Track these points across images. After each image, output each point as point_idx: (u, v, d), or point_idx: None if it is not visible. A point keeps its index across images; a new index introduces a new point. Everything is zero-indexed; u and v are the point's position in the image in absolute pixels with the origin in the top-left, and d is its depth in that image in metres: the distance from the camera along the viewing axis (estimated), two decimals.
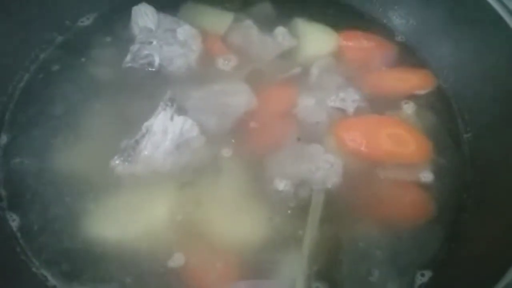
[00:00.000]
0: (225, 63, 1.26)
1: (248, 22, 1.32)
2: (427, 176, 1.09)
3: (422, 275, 0.96)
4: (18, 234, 0.96)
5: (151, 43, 1.25)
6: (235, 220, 1.00)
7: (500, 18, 1.09)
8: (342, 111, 1.17)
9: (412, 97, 1.20)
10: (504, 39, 1.08)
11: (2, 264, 0.88)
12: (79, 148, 1.08)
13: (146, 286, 0.92)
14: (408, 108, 1.18)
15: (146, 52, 1.24)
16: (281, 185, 1.04)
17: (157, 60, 1.23)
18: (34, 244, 0.95)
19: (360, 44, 1.32)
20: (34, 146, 1.08)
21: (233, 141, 1.10)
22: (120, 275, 0.92)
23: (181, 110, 1.11)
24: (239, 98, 1.18)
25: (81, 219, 0.98)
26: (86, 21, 1.33)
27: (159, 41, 1.25)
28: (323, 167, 1.06)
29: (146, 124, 1.08)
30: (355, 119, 1.15)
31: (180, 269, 0.94)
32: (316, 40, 1.32)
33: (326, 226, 1.00)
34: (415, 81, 1.25)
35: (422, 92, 1.23)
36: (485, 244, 0.95)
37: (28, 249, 0.94)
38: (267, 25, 1.32)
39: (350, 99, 1.18)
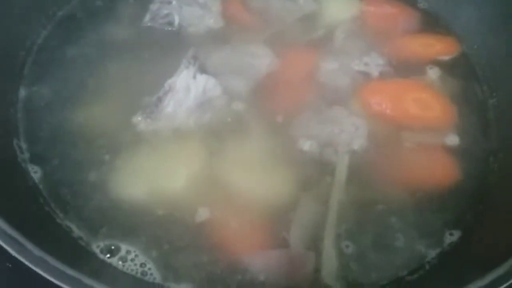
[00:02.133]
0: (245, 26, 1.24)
1: None
2: (452, 140, 1.07)
3: (451, 234, 0.94)
4: (41, 186, 0.94)
5: (170, 2, 1.24)
6: (261, 179, 0.98)
7: None
8: (366, 75, 1.15)
9: (436, 62, 1.18)
10: None
11: (26, 216, 0.85)
12: (100, 104, 1.06)
13: (173, 239, 0.90)
14: (433, 73, 1.16)
15: (165, 11, 1.22)
16: (306, 145, 1.03)
17: (177, 20, 1.21)
18: (57, 196, 0.93)
19: (382, 10, 1.30)
20: (54, 100, 1.06)
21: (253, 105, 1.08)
22: (146, 228, 0.90)
23: (203, 69, 1.09)
24: (260, 59, 1.16)
25: (105, 173, 0.96)
26: None
27: (179, 1, 1.23)
28: (348, 130, 1.05)
29: (168, 81, 1.05)
30: (380, 83, 1.14)
31: (206, 223, 0.92)
32: (338, 4, 1.31)
33: (352, 188, 0.98)
34: (439, 47, 1.23)
35: (446, 58, 1.21)
36: None
37: (51, 200, 0.92)
38: None
39: (374, 63, 1.17)
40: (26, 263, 0.66)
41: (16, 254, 0.65)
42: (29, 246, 0.65)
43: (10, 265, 0.82)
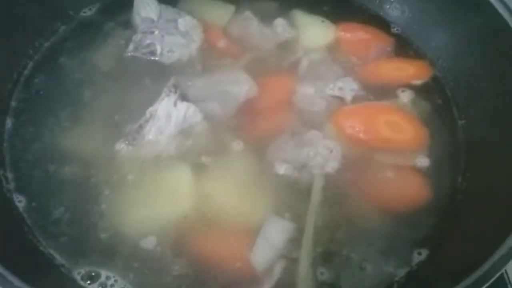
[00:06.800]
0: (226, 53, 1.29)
1: (248, 14, 1.35)
2: (423, 161, 1.11)
3: (419, 253, 0.98)
4: (25, 215, 0.98)
5: (153, 32, 1.28)
6: (238, 203, 1.02)
7: (494, 8, 1.12)
8: (340, 99, 1.20)
9: (408, 85, 1.23)
10: (498, 29, 1.12)
11: (10, 244, 0.89)
12: (84, 133, 1.10)
13: (150, 268, 0.93)
14: (405, 97, 1.21)
15: (148, 41, 1.26)
16: (282, 169, 1.07)
17: (159, 49, 1.25)
18: (41, 225, 0.97)
19: (357, 36, 1.35)
20: (40, 130, 1.10)
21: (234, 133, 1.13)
22: (128, 257, 0.94)
23: (184, 97, 1.13)
24: (240, 86, 1.20)
25: (88, 201, 1.00)
26: (88, 11, 1.35)
27: (161, 31, 1.28)
28: (322, 153, 1.09)
29: (150, 109, 1.10)
30: (353, 107, 1.18)
31: (183, 247, 0.96)
32: (315, 31, 1.35)
33: (326, 209, 1.02)
34: (412, 71, 1.28)
35: (418, 82, 1.26)
36: (478, 225, 0.98)
37: (35, 229, 0.96)
38: (267, 17, 1.35)
39: (347, 88, 1.21)
40: None
41: None
42: (10, 277, 0.68)
43: None
